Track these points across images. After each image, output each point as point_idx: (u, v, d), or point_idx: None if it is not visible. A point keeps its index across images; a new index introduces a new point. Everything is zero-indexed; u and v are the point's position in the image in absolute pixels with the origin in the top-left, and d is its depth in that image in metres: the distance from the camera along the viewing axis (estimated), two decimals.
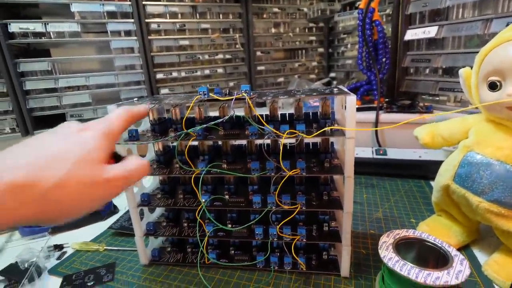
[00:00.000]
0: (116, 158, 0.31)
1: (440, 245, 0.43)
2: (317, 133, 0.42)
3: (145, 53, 1.02)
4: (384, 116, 0.92)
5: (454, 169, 0.50)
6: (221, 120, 0.44)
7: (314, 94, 0.45)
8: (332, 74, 1.41)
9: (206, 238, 0.50)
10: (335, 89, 0.46)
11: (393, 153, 0.85)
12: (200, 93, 0.44)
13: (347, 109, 0.40)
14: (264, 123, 0.43)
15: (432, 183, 0.79)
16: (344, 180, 0.44)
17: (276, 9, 1.24)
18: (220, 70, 1.16)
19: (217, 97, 0.43)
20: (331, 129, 0.43)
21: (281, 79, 1.31)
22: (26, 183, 0.22)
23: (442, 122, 0.55)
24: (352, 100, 0.39)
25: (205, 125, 0.44)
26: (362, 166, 0.83)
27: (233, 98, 0.41)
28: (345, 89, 0.45)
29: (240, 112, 0.49)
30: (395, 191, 0.77)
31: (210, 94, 0.44)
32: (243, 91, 0.42)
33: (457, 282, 0.36)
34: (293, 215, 0.46)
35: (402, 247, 0.44)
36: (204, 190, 0.52)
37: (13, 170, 0.22)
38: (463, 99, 0.88)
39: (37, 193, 0.23)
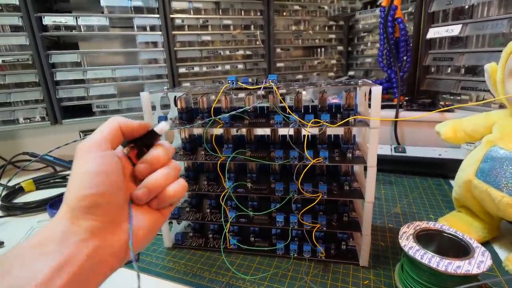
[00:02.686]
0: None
1: (461, 237, 0.43)
2: (341, 122, 0.43)
3: (169, 48, 1.05)
4: (403, 114, 0.91)
5: (476, 164, 0.50)
6: (248, 108, 0.46)
7: (340, 85, 0.46)
8: (351, 73, 1.41)
9: (228, 223, 0.52)
10: (359, 81, 0.47)
11: (412, 151, 0.85)
12: (229, 81, 0.46)
13: (372, 99, 0.41)
14: (290, 111, 0.44)
15: (451, 181, 0.79)
16: (366, 170, 0.45)
17: (297, 7, 1.25)
18: (240, 66, 1.18)
19: (245, 86, 0.45)
20: (354, 119, 0.44)
21: (299, 76, 1.32)
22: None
23: (465, 118, 0.55)
24: (377, 90, 0.40)
25: (232, 112, 0.46)
26: (380, 163, 0.82)
27: (261, 87, 0.43)
28: (370, 81, 0.46)
29: (264, 104, 0.51)
30: (414, 188, 0.77)
31: (238, 83, 0.45)
32: (270, 80, 0.44)
33: (479, 271, 0.37)
34: (314, 203, 0.47)
35: (423, 238, 0.44)
36: (227, 177, 0.53)
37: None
38: (486, 98, 0.86)
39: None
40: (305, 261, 0.51)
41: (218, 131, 0.52)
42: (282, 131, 0.51)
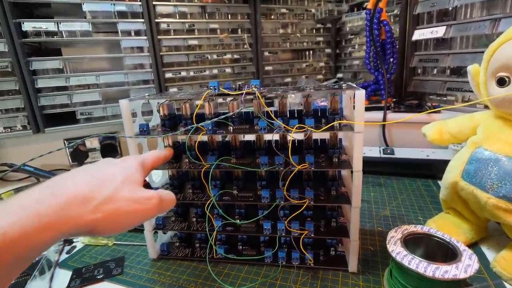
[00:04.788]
0: (146, 187, 0.35)
1: (448, 240, 0.43)
2: (325, 127, 0.42)
3: (155, 53, 1.03)
4: (391, 116, 0.92)
5: (462, 166, 0.50)
6: (231, 114, 0.45)
7: (323, 89, 0.45)
8: (340, 75, 1.42)
9: (215, 232, 0.50)
10: (344, 85, 0.46)
11: (401, 153, 0.85)
12: (211, 87, 0.44)
13: (356, 103, 0.40)
14: (273, 117, 0.43)
15: (440, 182, 0.79)
16: (352, 175, 0.44)
17: (284, 10, 1.25)
18: (228, 70, 1.17)
19: (228, 92, 0.44)
20: (339, 123, 0.43)
21: (288, 79, 1.32)
22: (86, 195, 0.27)
23: (451, 119, 0.55)
24: (360, 94, 0.40)
25: (215, 119, 0.45)
26: (369, 165, 0.83)
27: (243, 92, 0.42)
28: (354, 85, 0.45)
29: (248, 109, 0.50)
30: (403, 190, 0.77)
31: (220, 89, 0.44)
32: (253, 86, 0.43)
33: (466, 276, 0.36)
34: (301, 210, 0.46)
35: (410, 242, 0.44)
36: (212, 185, 0.52)
37: (76, 186, 0.28)
38: (471, 98, 0.87)
39: (93, 204, 0.27)
40: (293, 268, 0.50)
41: (203, 138, 0.51)
42: (268, 136, 0.50)
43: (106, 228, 0.28)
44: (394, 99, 1.00)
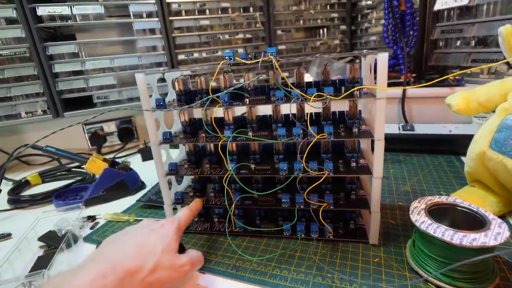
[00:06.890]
0: (180, 248, 0.39)
1: (476, 210, 0.41)
2: (345, 94, 0.41)
3: (167, 34, 1.02)
4: (411, 91, 0.88)
5: (491, 134, 0.47)
6: (247, 83, 0.44)
7: (343, 55, 0.43)
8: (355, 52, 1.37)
9: (233, 205, 0.50)
10: (363, 51, 0.44)
11: (421, 128, 0.83)
12: (226, 57, 0.43)
13: (378, 67, 0.38)
14: (291, 85, 0.42)
15: (463, 158, 0.76)
16: (373, 144, 0.43)
17: None
18: (240, 50, 1.15)
19: (243, 61, 0.42)
20: (359, 89, 0.42)
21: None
22: (135, 269, 0.32)
23: (478, 87, 0.53)
24: (383, 57, 0.38)
25: (230, 89, 0.44)
26: (388, 142, 0.79)
27: (259, 61, 0.41)
28: (375, 51, 0.43)
29: (264, 77, 0.49)
30: (424, 166, 0.75)
31: (236, 58, 0.43)
32: (269, 54, 0.42)
33: (496, 243, 0.35)
34: (320, 181, 0.46)
35: (435, 212, 0.43)
36: (229, 160, 0.52)
37: (128, 259, 0.33)
38: (498, 70, 0.83)
39: (140, 277, 0.32)
40: (312, 241, 0.50)
41: (219, 113, 0.50)
42: (285, 109, 0.49)
43: None
44: (414, 74, 0.96)
